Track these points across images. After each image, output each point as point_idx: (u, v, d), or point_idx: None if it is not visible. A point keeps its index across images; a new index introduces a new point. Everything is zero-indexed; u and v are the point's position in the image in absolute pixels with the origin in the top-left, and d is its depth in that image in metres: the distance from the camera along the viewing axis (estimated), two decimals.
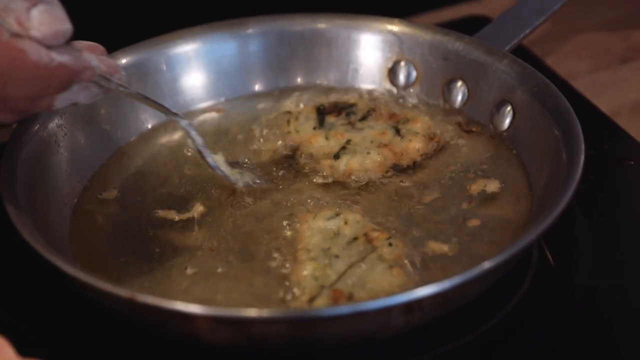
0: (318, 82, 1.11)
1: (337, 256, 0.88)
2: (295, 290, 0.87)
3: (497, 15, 1.10)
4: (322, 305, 0.84)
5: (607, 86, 1.17)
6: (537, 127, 0.98)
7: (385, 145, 1.00)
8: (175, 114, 0.96)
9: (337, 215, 0.92)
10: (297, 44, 1.10)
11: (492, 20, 1.11)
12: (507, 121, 1.02)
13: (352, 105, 1.05)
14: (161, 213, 0.96)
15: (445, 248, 0.90)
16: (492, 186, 0.96)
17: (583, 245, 0.96)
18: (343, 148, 1.00)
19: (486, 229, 0.92)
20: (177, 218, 0.96)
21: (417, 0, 1.30)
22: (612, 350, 0.88)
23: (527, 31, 1.07)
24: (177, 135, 1.06)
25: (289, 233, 0.93)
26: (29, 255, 0.84)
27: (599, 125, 1.09)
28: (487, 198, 0.95)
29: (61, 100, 0.87)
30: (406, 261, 0.89)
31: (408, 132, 1.01)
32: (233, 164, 0.99)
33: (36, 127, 0.96)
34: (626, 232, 0.98)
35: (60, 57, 0.83)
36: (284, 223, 0.94)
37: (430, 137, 1.02)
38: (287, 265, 0.90)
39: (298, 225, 0.93)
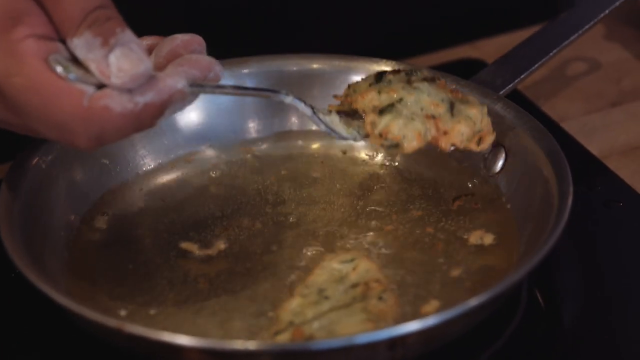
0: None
1: (327, 297, 0.89)
2: (273, 321, 0.88)
3: (492, 59, 1.11)
4: (283, 341, 0.85)
5: (598, 129, 1.18)
6: (528, 170, 0.99)
7: (434, 117, 0.96)
8: (279, 92, 0.93)
9: (352, 260, 0.93)
10: (294, 84, 1.10)
11: (486, 63, 1.12)
12: (500, 164, 1.02)
13: (417, 70, 1.02)
14: (158, 247, 0.98)
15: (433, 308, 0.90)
16: (488, 239, 0.97)
17: (572, 286, 0.97)
18: (391, 105, 0.97)
19: (471, 280, 0.93)
20: (193, 248, 0.97)
21: (412, 42, 1.32)
22: None
23: (522, 76, 1.08)
24: (175, 174, 1.07)
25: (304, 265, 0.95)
26: (27, 287, 0.85)
27: (589, 168, 1.10)
28: (481, 250, 0.96)
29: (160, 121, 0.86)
30: (388, 319, 0.87)
31: (460, 113, 0.97)
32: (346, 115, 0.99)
33: (36, 160, 0.97)
34: (615, 273, 0.99)
35: (143, 99, 0.81)
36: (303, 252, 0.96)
37: (477, 131, 0.98)
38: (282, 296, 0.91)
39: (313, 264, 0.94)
